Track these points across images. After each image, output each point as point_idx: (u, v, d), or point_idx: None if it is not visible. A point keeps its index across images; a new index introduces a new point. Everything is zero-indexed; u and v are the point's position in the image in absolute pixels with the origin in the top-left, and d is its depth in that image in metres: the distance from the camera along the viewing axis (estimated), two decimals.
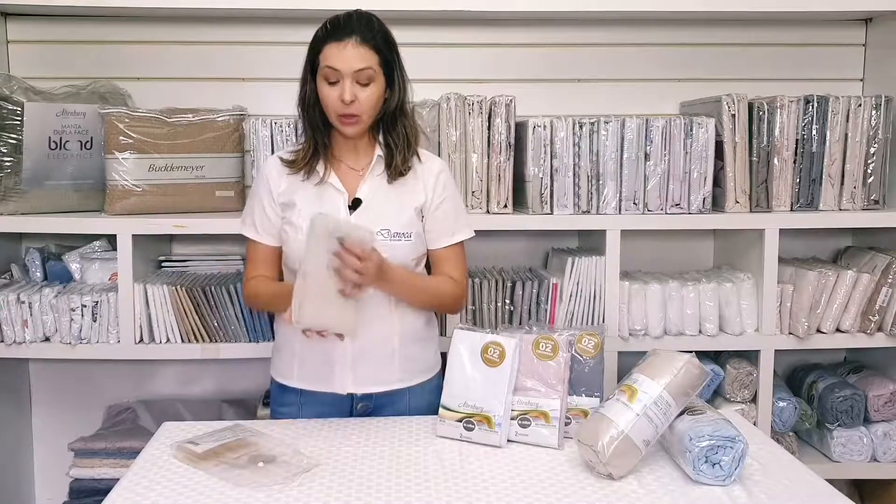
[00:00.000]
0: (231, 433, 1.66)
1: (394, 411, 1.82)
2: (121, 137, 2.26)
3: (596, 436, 1.48)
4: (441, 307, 1.89)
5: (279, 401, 1.88)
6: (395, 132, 1.78)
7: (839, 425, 2.46)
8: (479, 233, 1.95)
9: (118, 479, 1.51)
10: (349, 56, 1.67)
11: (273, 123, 2.31)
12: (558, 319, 2.32)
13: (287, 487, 1.45)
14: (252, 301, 1.91)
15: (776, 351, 2.39)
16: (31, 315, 2.24)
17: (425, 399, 1.82)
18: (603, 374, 1.73)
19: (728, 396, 2.41)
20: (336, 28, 1.70)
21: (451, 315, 2.24)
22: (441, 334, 2.01)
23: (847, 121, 2.38)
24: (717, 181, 2.37)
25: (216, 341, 2.30)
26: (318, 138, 1.78)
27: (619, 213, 2.33)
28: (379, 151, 1.79)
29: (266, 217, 1.81)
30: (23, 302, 2.24)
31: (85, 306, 2.25)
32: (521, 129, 2.34)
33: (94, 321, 2.26)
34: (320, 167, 1.78)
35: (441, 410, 1.69)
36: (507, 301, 2.33)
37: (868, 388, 2.48)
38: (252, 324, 2.30)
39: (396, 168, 1.77)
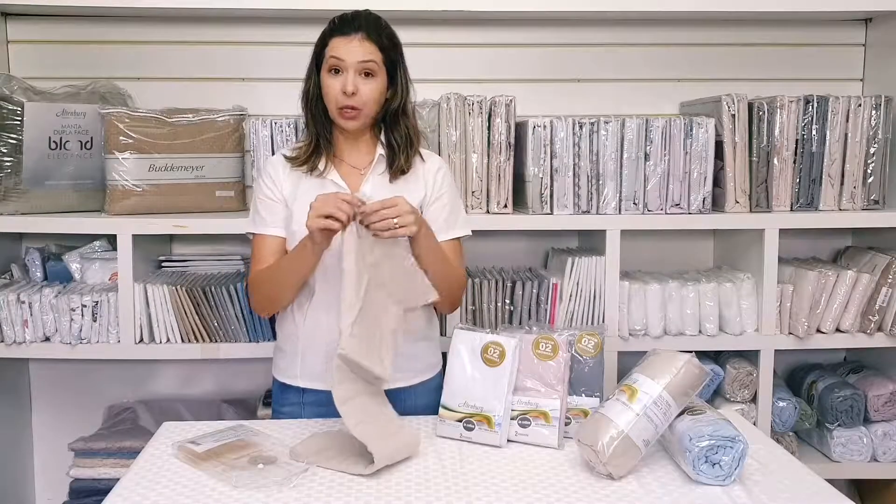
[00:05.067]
0: (232, 433, 1.66)
1: (397, 411, 1.81)
2: (121, 137, 2.25)
3: (596, 436, 1.48)
4: (450, 287, 1.80)
5: (281, 401, 1.88)
6: (398, 132, 1.81)
7: (839, 425, 2.46)
8: (479, 233, 1.95)
9: (118, 479, 1.51)
10: (354, 48, 1.71)
11: (273, 123, 2.31)
12: (558, 319, 2.32)
13: (287, 487, 1.45)
14: (261, 282, 1.77)
15: (776, 351, 2.39)
16: (31, 315, 2.24)
17: (426, 398, 1.83)
18: (603, 374, 1.73)
19: (728, 396, 2.41)
20: (344, 23, 1.75)
21: (450, 314, 2.24)
22: (441, 334, 2.01)
23: (847, 121, 2.38)
24: (717, 181, 2.37)
25: (216, 341, 2.30)
26: (320, 133, 1.80)
27: (619, 213, 2.33)
28: (381, 150, 1.81)
29: (272, 208, 1.81)
30: (23, 302, 2.24)
31: (85, 306, 2.25)
32: (521, 129, 2.34)
33: (94, 321, 2.26)
34: (322, 164, 1.80)
35: (441, 410, 1.69)
36: (507, 301, 2.33)
37: (868, 388, 2.48)
38: (252, 324, 2.30)
39: (399, 167, 1.79)
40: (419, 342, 1.85)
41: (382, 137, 1.82)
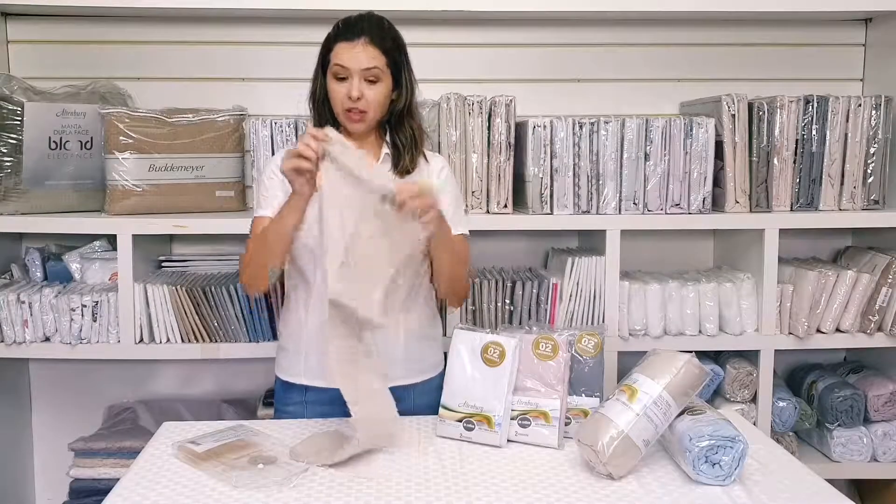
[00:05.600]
0: (233, 433, 1.67)
1: (398, 410, 1.82)
2: (121, 137, 2.26)
3: (596, 436, 1.48)
4: (458, 277, 1.83)
5: (283, 400, 1.89)
6: (403, 132, 1.82)
7: (839, 425, 2.46)
8: (479, 233, 1.96)
9: (118, 479, 1.51)
10: (358, 55, 1.72)
11: (273, 123, 2.30)
12: (558, 319, 2.32)
13: (287, 487, 1.45)
14: (250, 248, 1.76)
15: (776, 351, 2.39)
16: (31, 315, 2.24)
17: (427, 397, 1.83)
18: (603, 374, 1.73)
19: (728, 396, 2.41)
20: (348, 28, 1.75)
21: (453, 307, 2.22)
22: (442, 334, 2.01)
23: (847, 121, 2.38)
24: (717, 181, 2.37)
25: (216, 341, 2.30)
26: None
27: (619, 213, 2.33)
28: (386, 150, 1.83)
29: (273, 192, 1.80)
30: (23, 302, 2.24)
31: (85, 306, 2.25)
32: (521, 129, 2.34)
33: (94, 321, 2.26)
34: None
35: (441, 410, 1.69)
36: (507, 301, 2.33)
37: (868, 388, 2.48)
38: (252, 324, 2.30)
39: (404, 167, 1.81)
40: (422, 341, 1.86)
41: (387, 137, 1.84)
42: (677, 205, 2.34)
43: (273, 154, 2.22)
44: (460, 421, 1.66)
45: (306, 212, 1.68)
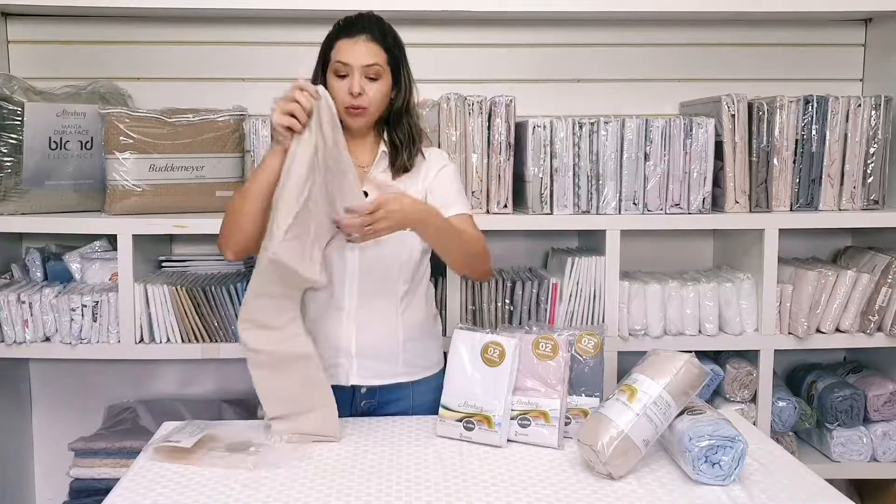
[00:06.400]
0: (196, 428, 1.66)
1: (397, 409, 1.83)
2: (121, 137, 2.25)
3: (596, 436, 1.48)
4: (472, 254, 1.83)
5: None
6: (401, 130, 1.84)
7: (839, 425, 2.46)
8: None
9: (118, 479, 1.51)
10: (359, 51, 1.74)
11: None
12: (558, 319, 2.33)
13: (287, 487, 1.45)
14: (234, 200, 1.75)
15: (776, 351, 2.39)
16: (31, 315, 2.24)
17: (428, 396, 1.83)
18: (603, 374, 1.74)
19: (728, 396, 2.41)
20: (348, 26, 1.78)
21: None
22: (442, 334, 2.01)
23: (847, 121, 2.38)
24: (717, 181, 2.37)
25: (216, 341, 2.30)
26: None
27: (619, 213, 2.33)
28: (384, 148, 1.84)
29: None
30: (23, 302, 2.24)
31: (85, 306, 2.25)
32: (520, 129, 2.34)
33: (95, 321, 2.26)
34: None
35: (441, 410, 1.70)
36: (507, 301, 2.33)
37: (867, 388, 2.48)
38: None
39: (401, 165, 1.82)
40: (422, 339, 1.87)
41: (385, 136, 1.85)
42: (677, 205, 2.34)
43: None
44: (460, 421, 1.66)
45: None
